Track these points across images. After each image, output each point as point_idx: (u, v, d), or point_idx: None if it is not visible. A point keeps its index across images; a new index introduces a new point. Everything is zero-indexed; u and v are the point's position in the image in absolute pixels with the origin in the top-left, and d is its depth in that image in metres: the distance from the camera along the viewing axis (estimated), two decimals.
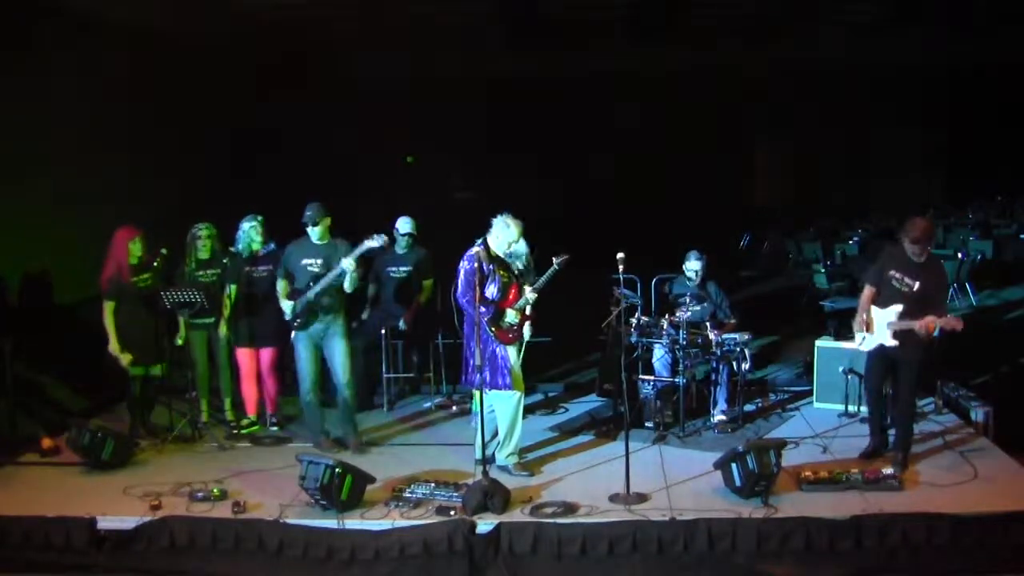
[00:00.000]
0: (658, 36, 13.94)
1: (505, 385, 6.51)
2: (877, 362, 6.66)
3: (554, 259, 6.49)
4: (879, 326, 6.48)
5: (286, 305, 7.01)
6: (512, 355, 6.58)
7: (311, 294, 6.89)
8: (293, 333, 7.08)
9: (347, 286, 6.89)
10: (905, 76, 17.40)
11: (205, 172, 10.86)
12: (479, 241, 6.57)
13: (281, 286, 7.09)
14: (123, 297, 7.29)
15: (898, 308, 6.36)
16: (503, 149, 17.75)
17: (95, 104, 8.89)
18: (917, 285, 6.30)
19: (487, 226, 6.65)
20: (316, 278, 6.88)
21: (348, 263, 6.73)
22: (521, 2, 11.79)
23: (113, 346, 7.30)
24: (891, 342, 6.41)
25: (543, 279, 6.59)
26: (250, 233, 7.54)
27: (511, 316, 6.57)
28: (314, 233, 6.93)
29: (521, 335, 6.69)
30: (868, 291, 6.62)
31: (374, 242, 6.76)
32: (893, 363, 6.58)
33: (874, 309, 6.54)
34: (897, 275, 6.41)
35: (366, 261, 8.42)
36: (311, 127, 14.18)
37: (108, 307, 7.29)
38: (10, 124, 7.91)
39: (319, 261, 6.94)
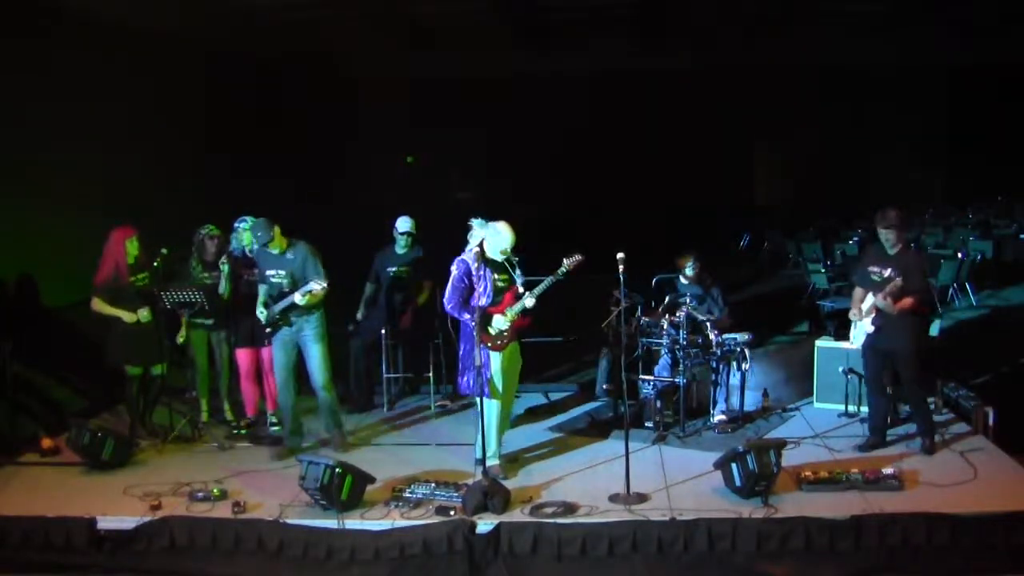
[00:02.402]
0: (658, 36, 13.95)
1: (484, 392, 6.45)
2: (870, 356, 6.89)
3: (564, 260, 6.36)
4: (864, 318, 6.78)
5: (259, 312, 7.02)
6: (495, 362, 6.46)
7: (276, 310, 6.93)
8: (266, 339, 7.13)
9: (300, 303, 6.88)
10: (905, 76, 17.41)
11: (205, 173, 10.86)
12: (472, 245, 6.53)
13: (262, 291, 7.10)
14: (120, 297, 7.28)
15: (871, 297, 6.66)
16: (503, 149, 17.77)
17: (94, 105, 8.89)
18: (888, 271, 6.58)
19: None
20: (281, 295, 6.92)
21: (300, 299, 6.78)
22: (521, 2, 11.80)
23: (129, 317, 7.25)
24: (870, 328, 6.72)
25: (543, 285, 6.43)
26: (243, 235, 7.54)
27: (499, 322, 6.43)
28: (271, 248, 6.95)
29: (510, 342, 6.52)
30: (858, 291, 6.97)
31: (317, 286, 6.75)
32: (886, 356, 6.77)
33: (863, 304, 6.82)
34: (874, 269, 6.76)
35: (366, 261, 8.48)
36: (311, 127, 14.19)
37: (99, 302, 7.29)
38: (9, 125, 7.91)
39: (282, 272, 6.97)
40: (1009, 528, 5.39)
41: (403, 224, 8.30)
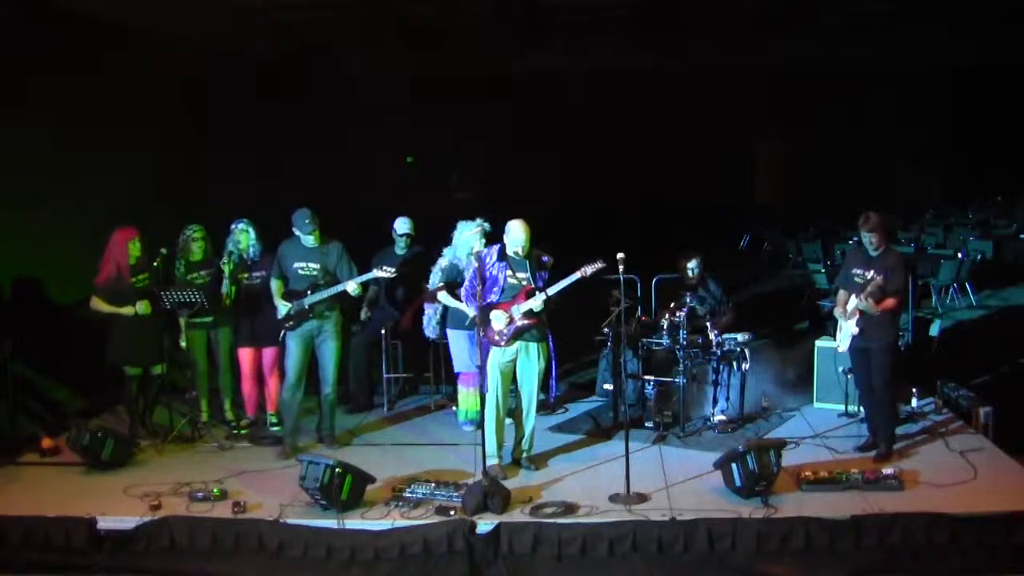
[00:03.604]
0: (658, 36, 13.94)
1: (484, 387, 6.48)
2: (858, 357, 6.89)
3: (587, 267, 6.35)
4: (848, 320, 6.74)
5: (281, 305, 7.01)
6: (492, 357, 6.53)
7: (307, 302, 6.91)
8: (283, 332, 7.12)
9: (353, 294, 6.93)
10: (905, 76, 17.41)
11: (204, 173, 10.85)
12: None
13: (275, 286, 7.08)
14: (120, 297, 7.28)
15: (854, 299, 6.64)
16: (503, 149, 17.77)
17: (94, 105, 8.89)
18: (871, 273, 6.57)
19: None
20: (314, 286, 6.91)
21: (354, 288, 6.83)
22: (521, 2, 11.79)
23: (129, 310, 7.23)
24: (855, 330, 6.69)
25: (557, 287, 6.43)
26: (241, 237, 7.55)
27: (497, 318, 6.48)
28: (308, 240, 6.96)
29: (512, 338, 6.53)
30: (842, 294, 6.98)
31: (384, 274, 6.86)
32: (868, 355, 6.75)
33: (847, 307, 6.80)
34: (857, 271, 6.76)
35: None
36: (311, 126, 14.18)
37: (98, 300, 7.27)
38: (9, 124, 7.91)
39: (313, 265, 6.97)
40: (1009, 528, 5.40)
41: (402, 225, 8.29)
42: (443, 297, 7.43)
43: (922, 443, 6.98)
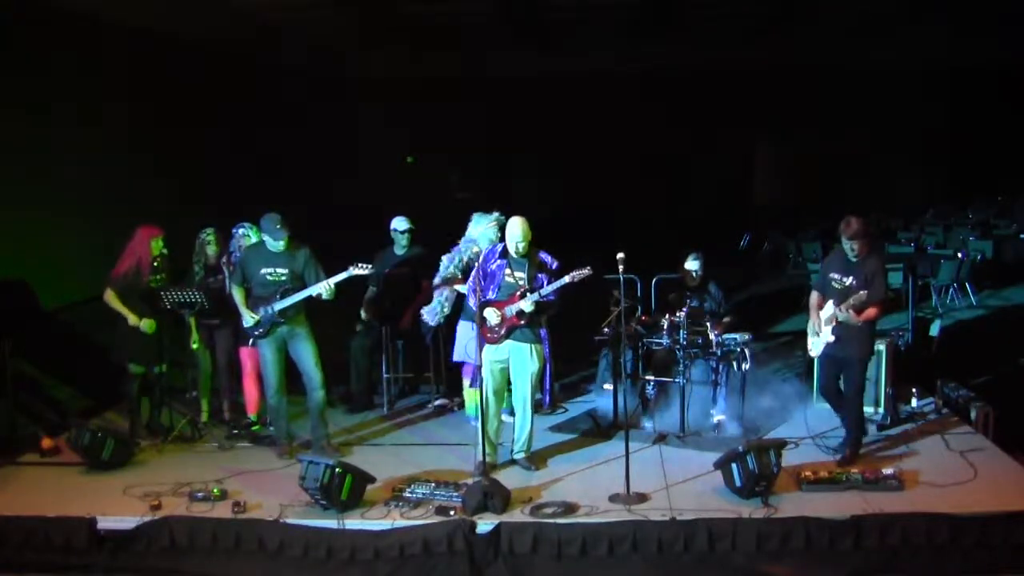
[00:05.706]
0: (658, 36, 13.95)
1: (474, 382, 6.52)
2: (827, 365, 6.82)
3: (575, 272, 6.35)
4: (824, 328, 6.60)
5: (246, 314, 6.89)
6: (485, 354, 6.54)
7: (277, 307, 6.80)
8: (251, 340, 7.07)
9: (325, 296, 6.80)
10: (905, 76, 17.40)
11: (204, 173, 10.86)
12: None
13: (239, 294, 6.95)
14: (133, 295, 7.26)
15: (831, 306, 6.53)
16: (503, 149, 17.77)
17: (94, 104, 8.90)
18: (850, 280, 6.47)
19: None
20: (284, 291, 6.80)
21: (329, 289, 6.70)
22: (521, 2, 11.80)
23: (134, 320, 7.22)
24: (830, 337, 6.54)
25: (548, 289, 6.43)
26: (241, 241, 7.54)
27: (490, 315, 6.52)
28: (277, 245, 6.84)
29: (504, 336, 6.56)
30: (815, 297, 6.81)
31: (360, 271, 6.76)
32: (840, 364, 6.68)
33: (821, 313, 6.66)
34: (835, 276, 6.62)
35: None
36: (312, 127, 14.19)
37: (112, 294, 7.25)
38: (9, 125, 7.92)
39: (282, 270, 6.85)
40: (1009, 528, 5.40)
41: (401, 223, 8.28)
42: (461, 287, 7.46)
43: (922, 443, 6.98)
